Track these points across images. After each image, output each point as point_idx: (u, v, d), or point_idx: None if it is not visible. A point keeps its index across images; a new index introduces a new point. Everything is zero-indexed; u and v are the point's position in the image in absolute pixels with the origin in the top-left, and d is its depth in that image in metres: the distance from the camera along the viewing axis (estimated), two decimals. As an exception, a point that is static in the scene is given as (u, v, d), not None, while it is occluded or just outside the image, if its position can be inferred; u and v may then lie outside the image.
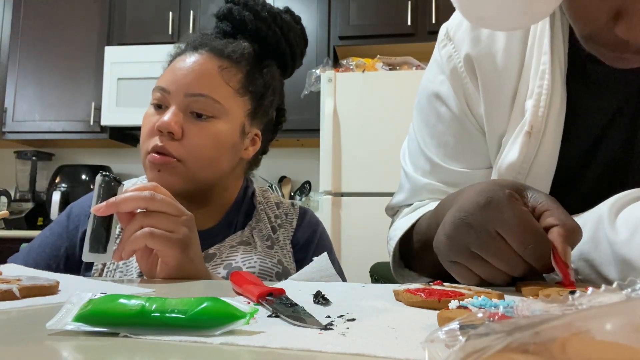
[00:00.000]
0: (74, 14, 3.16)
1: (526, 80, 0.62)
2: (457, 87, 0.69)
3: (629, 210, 0.48)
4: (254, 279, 0.48)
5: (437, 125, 0.71)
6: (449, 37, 0.70)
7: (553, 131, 0.61)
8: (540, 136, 0.61)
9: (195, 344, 0.29)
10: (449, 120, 0.70)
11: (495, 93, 0.65)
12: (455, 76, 0.69)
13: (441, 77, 0.71)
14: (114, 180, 0.63)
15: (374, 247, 1.69)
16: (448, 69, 0.69)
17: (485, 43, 0.66)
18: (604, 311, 0.17)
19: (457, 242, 0.49)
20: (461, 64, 0.68)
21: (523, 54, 0.63)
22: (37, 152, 3.29)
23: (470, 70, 0.67)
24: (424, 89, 0.74)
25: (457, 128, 0.70)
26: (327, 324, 0.34)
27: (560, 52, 0.61)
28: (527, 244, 0.46)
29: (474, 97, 0.68)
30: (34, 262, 0.79)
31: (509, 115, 0.64)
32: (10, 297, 0.42)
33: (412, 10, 2.80)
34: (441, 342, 0.20)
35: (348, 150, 2.38)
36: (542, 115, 0.60)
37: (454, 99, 0.69)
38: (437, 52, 0.73)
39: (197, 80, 0.77)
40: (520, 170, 0.62)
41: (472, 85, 0.67)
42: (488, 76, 0.66)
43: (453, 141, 0.70)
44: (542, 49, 0.61)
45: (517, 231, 0.46)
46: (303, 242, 0.89)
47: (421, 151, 0.73)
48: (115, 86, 2.98)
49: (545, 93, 0.60)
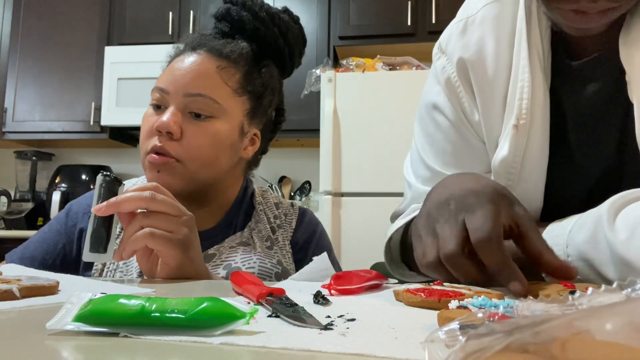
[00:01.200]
0: (74, 14, 3.16)
1: (515, 81, 0.63)
2: (452, 96, 0.71)
3: (628, 211, 0.48)
4: (254, 279, 0.48)
5: (435, 134, 0.73)
6: (442, 49, 0.73)
7: (540, 123, 0.62)
8: (528, 128, 0.62)
9: (195, 344, 0.29)
10: (447, 128, 0.72)
11: (489, 96, 0.66)
12: (449, 86, 0.71)
13: (437, 88, 0.73)
14: (115, 180, 0.63)
15: (374, 247, 1.68)
16: (443, 80, 0.71)
17: (475, 48, 0.67)
18: (604, 311, 0.17)
19: (430, 219, 0.51)
20: (454, 74, 0.70)
21: (511, 57, 0.65)
22: (37, 152, 3.29)
23: (464, 77, 0.69)
24: (423, 100, 0.77)
25: (454, 136, 0.71)
26: (327, 324, 0.34)
27: (539, 47, 0.62)
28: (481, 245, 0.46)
29: (468, 105, 0.69)
30: (31, 256, 0.79)
31: (502, 116, 0.65)
32: (10, 297, 0.42)
33: (412, 10, 2.80)
34: (441, 342, 0.20)
35: (348, 150, 2.38)
36: (527, 107, 0.61)
37: (449, 108, 0.71)
38: (433, 64, 0.76)
39: (196, 80, 0.77)
40: (512, 164, 0.63)
41: (466, 93, 0.69)
42: (481, 80, 0.67)
43: (451, 148, 0.72)
44: (522, 46, 0.63)
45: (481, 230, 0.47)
46: (302, 243, 0.89)
47: (421, 160, 0.75)
48: (115, 86, 2.98)
49: (527, 85, 0.61)
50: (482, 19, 0.67)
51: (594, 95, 0.62)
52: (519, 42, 0.63)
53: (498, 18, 0.66)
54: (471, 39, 0.68)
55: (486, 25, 0.67)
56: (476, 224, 0.47)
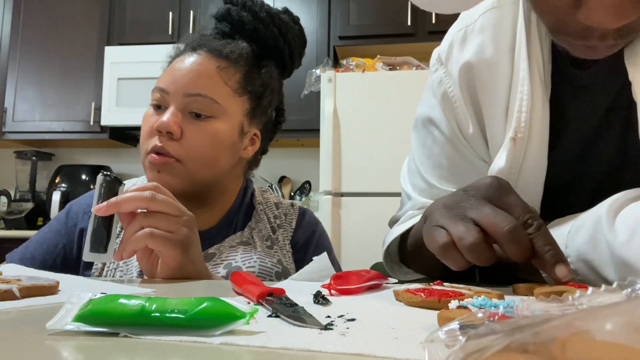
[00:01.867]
0: (74, 14, 3.16)
1: (515, 91, 0.63)
2: (448, 111, 0.70)
3: (627, 211, 0.48)
4: (254, 279, 0.48)
5: (432, 147, 0.73)
6: (441, 61, 0.72)
7: (538, 136, 0.61)
8: (526, 141, 0.61)
9: (195, 344, 0.29)
10: (443, 143, 0.71)
11: (492, 102, 0.66)
12: (445, 100, 0.70)
13: (433, 101, 0.72)
14: (115, 180, 0.63)
15: (374, 247, 1.68)
16: (439, 94, 0.71)
17: (477, 54, 0.66)
18: (604, 311, 0.17)
19: (453, 208, 0.50)
20: (451, 87, 0.69)
21: (511, 65, 0.64)
22: (37, 152, 3.29)
23: (466, 84, 0.68)
24: (420, 112, 0.76)
25: (450, 150, 0.71)
26: (327, 324, 0.34)
27: (539, 57, 0.61)
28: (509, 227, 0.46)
29: (463, 118, 0.69)
30: (31, 256, 0.79)
31: (504, 126, 0.64)
32: (10, 297, 0.42)
33: (412, 10, 2.80)
34: (441, 342, 0.20)
35: (348, 150, 2.38)
36: (525, 120, 0.61)
37: (445, 122, 0.71)
38: (430, 76, 0.75)
39: (196, 80, 0.78)
40: (509, 176, 0.62)
41: (463, 105, 0.68)
42: (485, 85, 0.66)
43: (447, 163, 0.71)
44: (522, 56, 0.62)
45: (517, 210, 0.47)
46: (302, 242, 0.89)
47: (418, 172, 0.75)
48: (115, 86, 2.98)
49: (527, 98, 0.61)
50: (482, 27, 0.66)
51: (598, 102, 0.61)
52: (519, 52, 0.62)
53: (497, 26, 0.65)
54: (472, 45, 0.67)
55: (486, 33, 0.66)
56: (516, 201, 0.48)
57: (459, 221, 0.48)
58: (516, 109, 0.62)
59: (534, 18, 0.62)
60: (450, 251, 0.47)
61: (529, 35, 0.62)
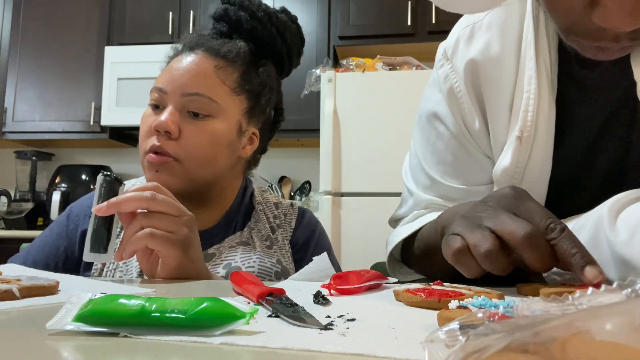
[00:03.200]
0: (74, 14, 3.16)
1: (520, 90, 0.63)
2: (454, 106, 0.70)
3: (629, 211, 0.48)
4: (254, 279, 0.48)
5: (437, 143, 0.72)
6: (447, 56, 0.71)
7: (544, 135, 0.61)
8: (531, 141, 0.61)
9: (195, 344, 0.29)
10: (448, 138, 0.71)
11: (496, 100, 0.66)
12: (451, 96, 0.70)
13: (439, 97, 0.72)
14: (115, 180, 0.63)
15: (374, 247, 1.68)
16: (445, 89, 0.70)
17: (484, 51, 0.66)
18: (604, 311, 0.17)
19: (471, 216, 0.49)
20: (458, 82, 0.68)
21: (517, 64, 0.64)
22: (37, 152, 3.29)
23: (471, 81, 0.67)
24: (424, 107, 0.75)
25: (455, 146, 0.71)
26: (327, 324, 0.34)
27: (546, 57, 0.61)
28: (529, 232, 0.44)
29: (469, 113, 0.68)
30: (33, 260, 0.79)
31: (507, 123, 0.64)
32: (10, 297, 0.42)
33: (412, 10, 2.80)
34: (441, 342, 0.20)
35: (348, 150, 2.38)
36: (531, 119, 0.61)
37: (450, 118, 0.70)
38: (435, 71, 0.74)
39: (193, 79, 0.78)
40: (513, 175, 0.62)
41: (469, 100, 0.68)
42: (490, 82, 0.66)
43: (452, 159, 0.71)
44: (529, 55, 0.62)
45: (537, 215, 0.46)
46: (302, 242, 0.89)
47: (421, 167, 0.74)
48: (115, 86, 2.97)
49: (533, 98, 0.61)
50: (489, 24, 0.66)
51: (604, 103, 0.61)
52: (526, 51, 0.62)
53: (505, 24, 0.65)
54: (479, 42, 0.67)
55: (493, 31, 0.65)
56: (535, 208, 0.46)
57: (475, 229, 0.47)
58: (522, 107, 0.61)
59: (542, 17, 0.62)
60: (464, 257, 0.46)
61: (536, 34, 0.62)
